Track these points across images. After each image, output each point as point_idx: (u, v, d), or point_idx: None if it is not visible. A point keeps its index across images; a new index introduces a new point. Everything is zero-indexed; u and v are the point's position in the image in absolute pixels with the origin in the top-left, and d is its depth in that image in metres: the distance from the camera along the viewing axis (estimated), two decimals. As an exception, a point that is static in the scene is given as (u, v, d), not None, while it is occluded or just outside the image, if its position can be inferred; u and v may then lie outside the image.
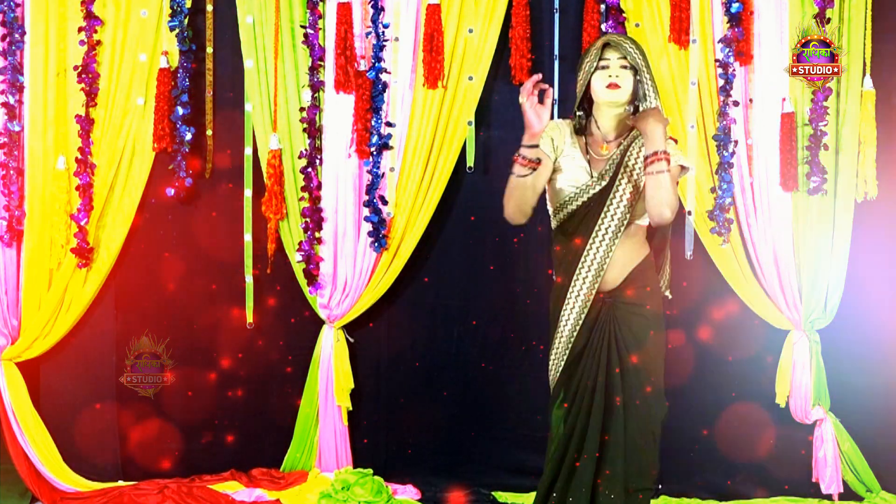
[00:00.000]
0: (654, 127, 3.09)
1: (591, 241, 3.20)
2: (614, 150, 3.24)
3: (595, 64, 3.21)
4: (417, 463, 4.56)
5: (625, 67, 3.19)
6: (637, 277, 3.22)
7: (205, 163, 4.54)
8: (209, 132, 4.53)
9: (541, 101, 3.06)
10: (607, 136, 3.27)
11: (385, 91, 4.40)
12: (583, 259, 3.20)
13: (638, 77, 3.21)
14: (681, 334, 4.46)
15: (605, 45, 3.23)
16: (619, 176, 3.20)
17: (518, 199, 3.16)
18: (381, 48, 4.38)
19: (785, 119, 4.31)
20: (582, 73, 3.24)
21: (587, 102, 3.29)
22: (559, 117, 4.43)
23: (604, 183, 3.21)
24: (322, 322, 4.51)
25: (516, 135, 3.71)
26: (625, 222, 3.19)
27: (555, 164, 3.25)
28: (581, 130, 3.28)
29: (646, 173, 3.09)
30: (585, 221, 3.21)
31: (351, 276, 4.47)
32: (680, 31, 4.32)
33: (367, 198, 4.41)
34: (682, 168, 3.24)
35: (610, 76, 3.19)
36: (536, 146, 3.12)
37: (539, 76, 3.07)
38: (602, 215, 3.20)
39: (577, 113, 3.27)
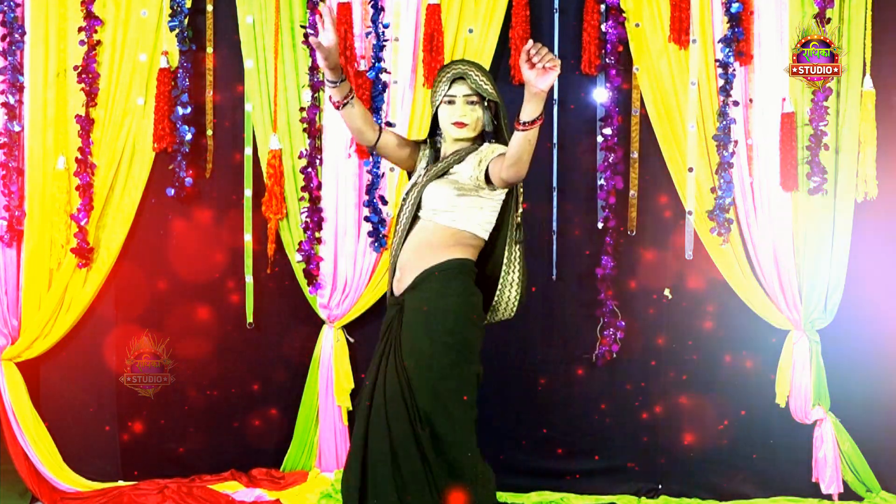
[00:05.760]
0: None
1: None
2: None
3: (441, 98, 3.24)
4: (417, 463, 4.55)
5: (472, 103, 3.22)
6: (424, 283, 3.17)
7: (205, 163, 4.55)
8: (209, 132, 4.53)
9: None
10: (445, 154, 3.33)
11: (385, 91, 4.40)
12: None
13: (486, 104, 3.25)
14: (681, 335, 4.48)
15: (454, 78, 3.23)
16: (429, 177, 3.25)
17: (350, 129, 3.31)
18: (381, 48, 4.38)
19: (785, 119, 4.31)
20: (432, 102, 3.29)
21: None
22: (559, 118, 4.45)
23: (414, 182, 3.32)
24: (322, 322, 4.51)
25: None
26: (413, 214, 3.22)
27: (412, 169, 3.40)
28: (437, 157, 3.37)
29: (523, 129, 2.89)
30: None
31: (351, 276, 4.47)
32: (680, 31, 4.32)
33: (367, 198, 4.41)
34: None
35: (455, 114, 3.23)
36: (333, 82, 3.15)
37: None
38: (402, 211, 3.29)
39: (434, 139, 3.38)
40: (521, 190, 3.29)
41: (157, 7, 4.46)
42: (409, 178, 3.44)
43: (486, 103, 3.25)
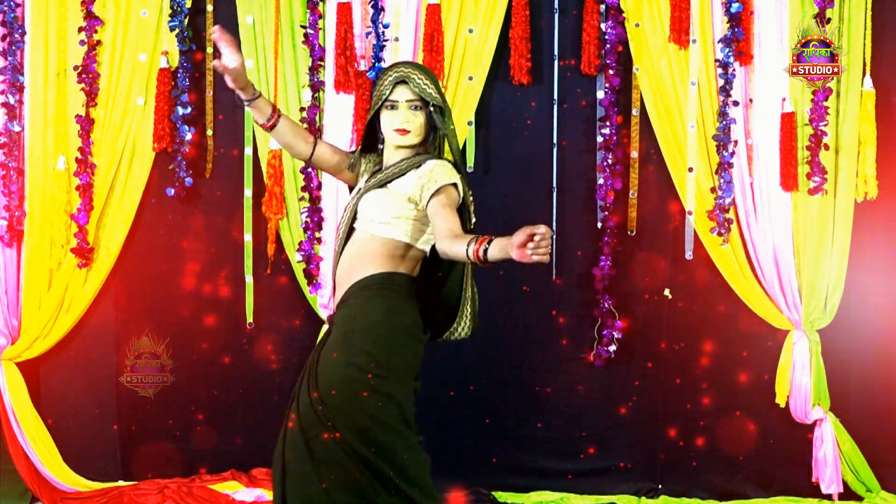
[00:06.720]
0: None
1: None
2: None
3: (381, 102, 3.03)
4: (417, 463, 4.55)
5: (415, 108, 3.01)
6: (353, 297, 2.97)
7: (205, 163, 4.55)
8: (209, 132, 4.53)
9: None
10: (387, 163, 3.11)
11: (385, 91, 4.40)
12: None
13: (430, 108, 3.02)
14: (680, 335, 4.47)
15: (396, 82, 3.02)
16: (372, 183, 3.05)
17: (284, 147, 3.24)
18: (381, 48, 4.38)
19: (785, 119, 4.31)
20: (371, 106, 3.08)
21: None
22: (559, 117, 4.45)
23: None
24: (322, 322, 4.51)
25: (516, 135, 3.72)
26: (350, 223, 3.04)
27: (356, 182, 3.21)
28: (379, 166, 3.16)
29: (473, 260, 2.69)
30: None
31: (351, 276, 4.46)
32: (680, 31, 4.32)
33: (366, 198, 4.40)
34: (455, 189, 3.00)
35: (398, 120, 3.02)
36: (248, 100, 3.09)
37: None
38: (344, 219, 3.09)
39: (378, 147, 3.17)
40: (473, 208, 3.10)
41: (157, 7, 4.46)
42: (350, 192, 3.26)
43: (430, 108, 3.03)
